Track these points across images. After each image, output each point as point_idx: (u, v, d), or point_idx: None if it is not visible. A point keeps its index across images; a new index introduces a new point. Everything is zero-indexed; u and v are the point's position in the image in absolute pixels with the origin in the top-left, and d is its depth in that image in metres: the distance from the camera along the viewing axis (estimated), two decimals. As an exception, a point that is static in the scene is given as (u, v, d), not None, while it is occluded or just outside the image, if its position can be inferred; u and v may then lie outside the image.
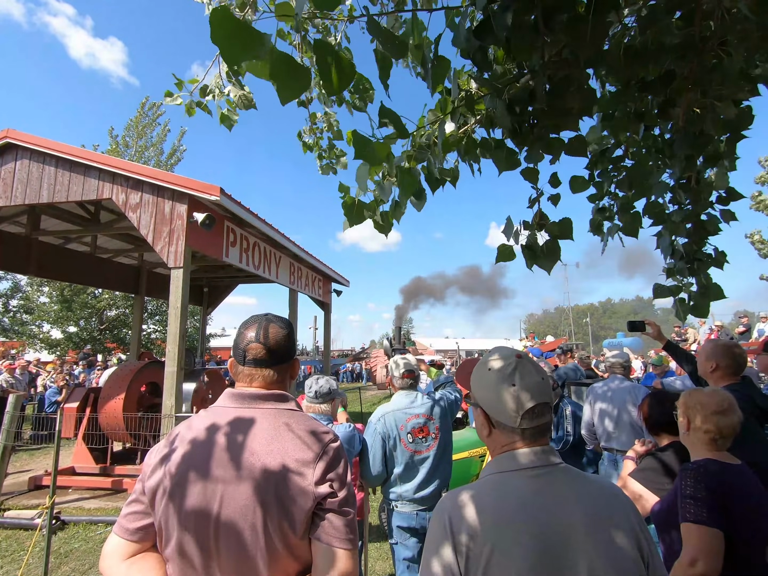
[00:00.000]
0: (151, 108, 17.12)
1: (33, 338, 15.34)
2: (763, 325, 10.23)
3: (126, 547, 0.96)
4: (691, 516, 1.27)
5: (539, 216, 1.46)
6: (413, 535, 2.34)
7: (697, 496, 1.29)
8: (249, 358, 1.06)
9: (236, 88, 1.73)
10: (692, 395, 1.52)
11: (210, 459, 0.95)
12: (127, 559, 0.95)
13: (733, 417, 1.42)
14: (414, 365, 2.55)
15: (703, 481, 1.31)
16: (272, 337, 1.06)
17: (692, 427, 1.47)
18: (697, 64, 1.24)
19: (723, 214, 1.48)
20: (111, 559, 0.95)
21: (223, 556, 0.91)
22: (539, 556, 0.76)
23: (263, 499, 0.91)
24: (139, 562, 0.94)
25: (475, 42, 1.11)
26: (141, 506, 0.98)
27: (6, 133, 5.78)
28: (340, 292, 12.06)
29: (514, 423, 0.88)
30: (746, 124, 1.27)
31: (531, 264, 1.44)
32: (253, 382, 1.06)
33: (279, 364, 1.08)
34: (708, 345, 2.25)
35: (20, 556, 3.75)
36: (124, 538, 0.96)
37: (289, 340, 1.09)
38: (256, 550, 0.91)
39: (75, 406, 6.23)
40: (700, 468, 1.36)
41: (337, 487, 0.97)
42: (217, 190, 5.42)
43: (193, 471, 0.94)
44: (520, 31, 1.12)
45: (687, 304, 1.52)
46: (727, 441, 1.43)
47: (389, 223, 1.50)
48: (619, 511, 0.84)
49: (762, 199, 14.85)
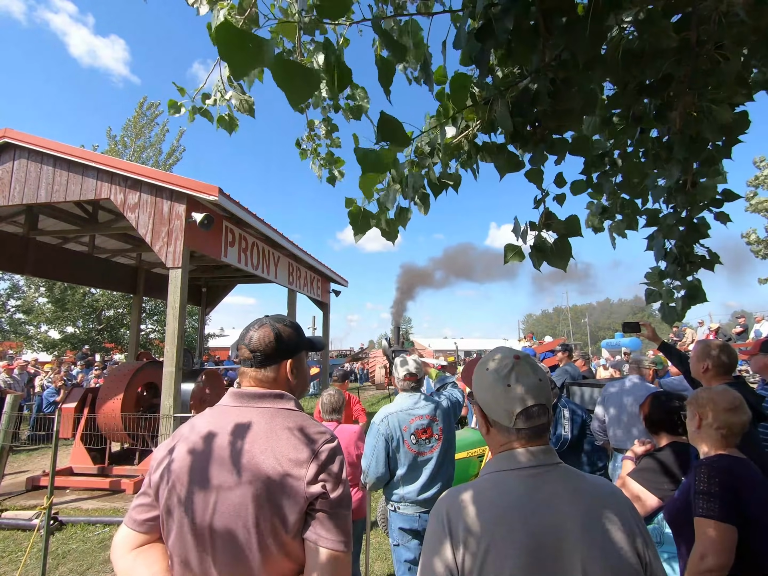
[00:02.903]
0: (149, 108, 17.09)
1: (30, 339, 15.29)
2: (759, 326, 10.29)
3: (134, 538, 1.00)
4: (703, 511, 1.30)
5: (546, 216, 1.46)
6: (415, 537, 2.33)
7: (710, 492, 1.31)
8: (240, 358, 1.12)
9: (238, 93, 1.73)
10: (704, 394, 1.54)
11: (207, 457, 0.98)
12: (134, 550, 0.98)
13: (743, 415, 1.45)
14: (418, 368, 2.52)
15: (716, 477, 1.33)
16: (257, 338, 1.10)
17: (704, 424, 1.49)
18: (694, 68, 1.25)
19: (718, 216, 1.49)
20: (119, 549, 0.99)
21: (218, 553, 0.93)
22: (535, 555, 0.77)
23: (256, 497, 0.92)
24: (144, 553, 0.98)
25: (476, 45, 1.12)
26: (148, 499, 1.01)
27: (4, 133, 5.76)
28: (338, 292, 12.06)
29: (509, 423, 0.89)
30: (742, 129, 1.28)
31: (539, 264, 1.44)
32: (244, 380, 1.12)
33: (266, 365, 1.10)
34: (699, 346, 2.27)
35: (18, 557, 3.74)
36: (133, 529, 1.00)
37: (277, 341, 1.10)
38: (249, 548, 0.92)
39: (73, 406, 6.21)
40: (713, 464, 1.38)
41: (330, 488, 0.96)
42: (215, 190, 5.42)
43: (192, 468, 0.97)
44: (520, 34, 1.12)
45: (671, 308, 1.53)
46: (736, 438, 1.46)
47: (395, 230, 1.49)
48: (617, 511, 0.84)
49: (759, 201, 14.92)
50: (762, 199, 15.20)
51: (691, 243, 1.51)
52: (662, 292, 1.57)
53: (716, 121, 1.25)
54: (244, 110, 1.74)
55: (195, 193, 5.45)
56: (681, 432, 1.87)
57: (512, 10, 1.05)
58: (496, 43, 1.07)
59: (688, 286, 1.53)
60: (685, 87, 1.26)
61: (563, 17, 1.12)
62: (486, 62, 1.16)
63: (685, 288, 1.54)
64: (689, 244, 1.51)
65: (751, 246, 15.99)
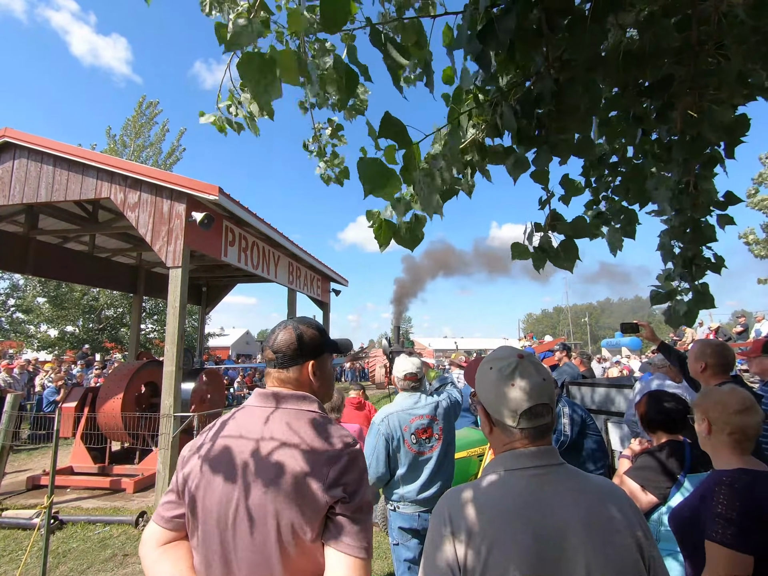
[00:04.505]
0: (148, 107, 17.07)
1: (31, 338, 15.29)
2: (759, 325, 10.29)
3: (161, 535, 1.01)
4: (718, 537, 1.18)
5: (552, 217, 1.45)
6: (414, 536, 2.34)
7: (729, 517, 1.19)
8: (265, 359, 1.14)
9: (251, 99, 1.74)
10: (710, 396, 1.41)
11: (230, 457, 0.98)
12: (161, 546, 1.00)
13: (756, 416, 1.32)
14: (418, 368, 2.52)
15: (737, 500, 1.20)
16: (279, 340, 1.12)
17: (714, 429, 1.36)
18: (694, 68, 1.25)
19: (720, 219, 1.49)
20: (146, 545, 1.01)
21: (240, 553, 0.93)
22: (537, 555, 0.77)
23: (275, 500, 0.92)
24: (170, 550, 0.99)
25: (477, 45, 1.12)
26: (174, 496, 1.03)
27: (4, 132, 5.76)
28: (338, 291, 12.06)
29: (512, 422, 0.89)
30: (743, 130, 1.28)
31: (540, 265, 1.42)
32: (269, 381, 1.13)
33: (288, 366, 1.11)
34: (696, 345, 2.28)
35: (18, 556, 3.75)
36: (161, 526, 1.02)
37: (299, 343, 1.11)
38: (270, 550, 0.92)
39: (73, 405, 6.22)
40: (734, 484, 1.24)
41: (351, 492, 0.95)
42: (215, 190, 5.42)
43: (214, 468, 0.98)
44: (523, 34, 1.12)
45: (678, 311, 1.52)
46: (751, 443, 1.33)
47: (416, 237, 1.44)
48: (618, 509, 0.85)
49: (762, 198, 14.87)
50: (763, 197, 15.17)
51: (697, 246, 1.50)
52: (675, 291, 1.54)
53: (716, 122, 1.25)
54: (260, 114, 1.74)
55: (195, 192, 5.45)
56: (677, 430, 1.88)
57: (514, 10, 1.05)
58: (498, 43, 1.07)
59: (696, 290, 1.51)
60: (686, 87, 1.26)
61: (565, 16, 1.11)
62: (488, 63, 1.16)
63: (693, 291, 1.51)
64: (696, 247, 1.50)
65: (749, 246, 15.96)
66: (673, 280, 1.56)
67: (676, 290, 1.55)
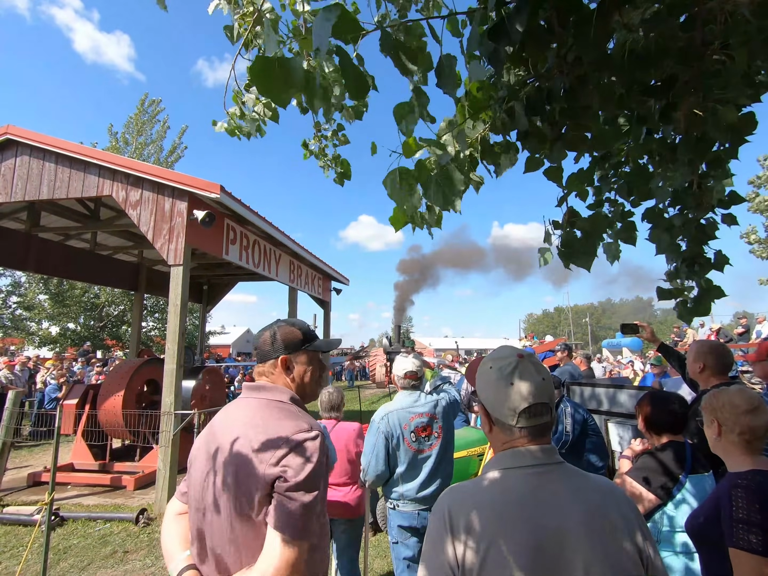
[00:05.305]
0: (150, 104, 17.08)
1: (32, 335, 15.33)
2: (760, 327, 10.28)
3: (177, 506, 1.22)
4: (744, 543, 1.16)
5: (570, 213, 1.42)
6: (414, 535, 2.34)
7: (751, 521, 1.17)
8: None
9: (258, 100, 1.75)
10: (719, 397, 1.40)
11: (211, 438, 1.13)
12: (177, 515, 1.21)
13: (765, 415, 1.32)
14: (418, 367, 2.53)
15: (756, 502, 1.19)
16: (259, 339, 1.26)
17: (724, 430, 1.36)
18: (699, 68, 1.24)
19: (724, 218, 1.48)
20: (168, 512, 1.23)
21: (212, 527, 1.05)
22: (537, 553, 0.77)
23: (227, 479, 1.03)
24: (180, 517, 1.20)
25: (489, 44, 1.11)
26: (186, 474, 1.21)
27: (6, 129, 5.77)
28: (339, 290, 12.07)
29: (511, 421, 0.89)
30: (750, 129, 1.27)
31: (568, 263, 1.40)
32: (254, 375, 1.26)
33: (263, 360, 1.23)
34: (694, 346, 2.27)
35: (19, 552, 3.77)
36: (177, 498, 1.23)
37: (271, 340, 1.23)
38: (231, 526, 1.02)
39: (74, 402, 6.24)
40: (751, 485, 1.23)
41: (291, 474, 0.98)
42: (217, 188, 5.42)
43: (200, 447, 1.15)
44: (534, 32, 1.11)
45: (687, 306, 1.51)
46: (761, 443, 1.33)
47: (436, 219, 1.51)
48: (617, 509, 0.85)
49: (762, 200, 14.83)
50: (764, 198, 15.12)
51: (699, 244, 1.49)
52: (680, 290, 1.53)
53: (722, 122, 1.24)
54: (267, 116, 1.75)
55: (197, 190, 5.45)
56: (679, 431, 1.88)
57: (525, 8, 1.04)
58: (509, 41, 1.06)
59: (701, 286, 1.50)
60: (690, 87, 1.25)
61: (574, 14, 1.11)
62: (501, 62, 1.15)
63: (698, 287, 1.51)
64: (698, 246, 1.49)
65: (751, 246, 15.90)
66: (677, 278, 1.55)
67: (683, 288, 1.54)
